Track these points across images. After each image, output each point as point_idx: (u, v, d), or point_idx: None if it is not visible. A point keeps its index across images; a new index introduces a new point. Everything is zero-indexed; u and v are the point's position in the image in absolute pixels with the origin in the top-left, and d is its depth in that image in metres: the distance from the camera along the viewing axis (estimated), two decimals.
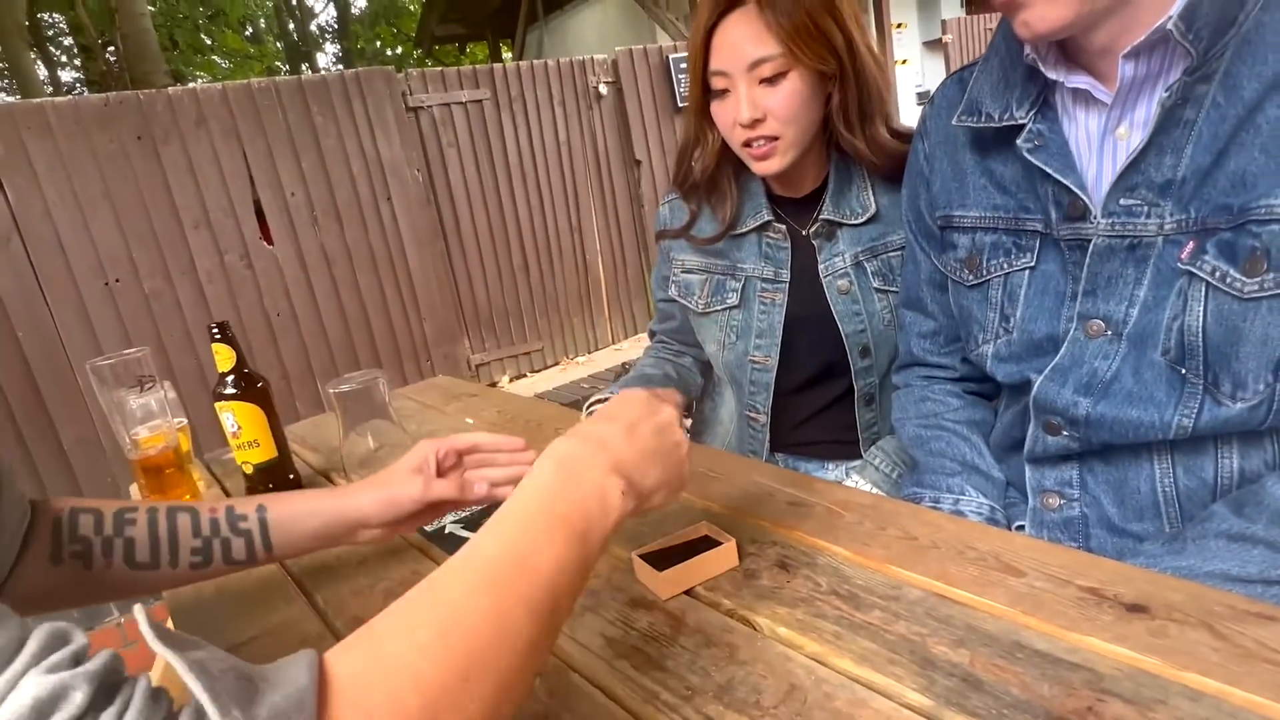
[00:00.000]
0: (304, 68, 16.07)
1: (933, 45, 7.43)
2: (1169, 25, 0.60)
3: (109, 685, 0.31)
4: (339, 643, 0.38)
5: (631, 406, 0.57)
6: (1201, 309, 0.65)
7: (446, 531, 0.89)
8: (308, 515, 0.73)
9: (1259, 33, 0.61)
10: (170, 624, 0.86)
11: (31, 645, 0.31)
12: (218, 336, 1.02)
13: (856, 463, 1.15)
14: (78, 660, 0.31)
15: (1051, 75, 0.70)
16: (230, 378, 1.03)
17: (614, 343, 4.99)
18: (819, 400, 1.14)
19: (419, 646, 0.37)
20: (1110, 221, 0.70)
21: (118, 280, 3.35)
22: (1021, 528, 0.81)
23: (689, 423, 1.35)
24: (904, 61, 7.31)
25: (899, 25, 7.04)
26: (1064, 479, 0.78)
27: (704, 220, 1.13)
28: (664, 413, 0.57)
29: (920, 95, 7.09)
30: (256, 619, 0.77)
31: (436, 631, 0.38)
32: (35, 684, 0.29)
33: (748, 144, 0.99)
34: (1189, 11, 0.59)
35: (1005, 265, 0.81)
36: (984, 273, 0.83)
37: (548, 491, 0.47)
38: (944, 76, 0.96)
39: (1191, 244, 0.66)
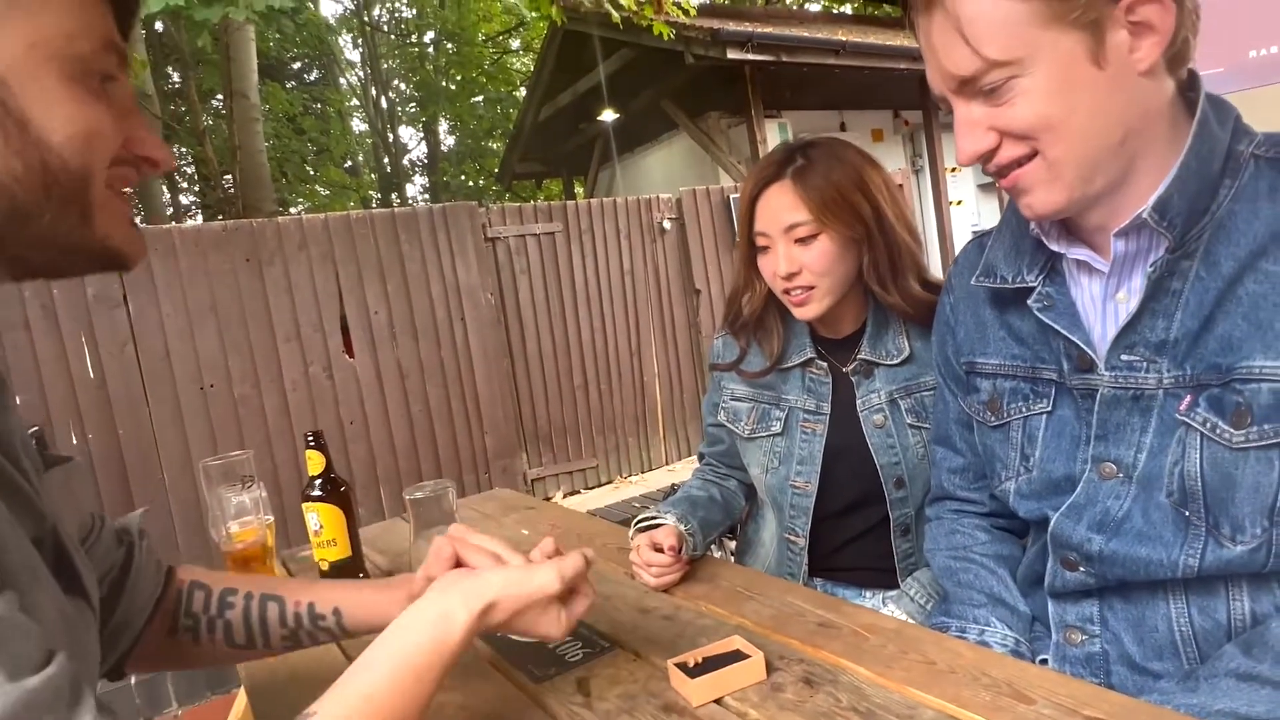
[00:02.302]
0: (394, 197, 17.50)
1: (987, 187, 7.69)
2: (1145, 214, 0.70)
3: None
4: None
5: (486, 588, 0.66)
6: (1199, 456, 0.70)
7: None
8: (377, 618, 0.79)
9: (1231, 220, 0.70)
10: (247, 703, 0.95)
11: None
12: (312, 444, 1.16)
13: (893, 592, 1.18)
14: None
15: (1054, 248, 0.80)
16: (318, 481, 1.16)
17: (667, 463, 5.04)
18: (856, 527, 1.20)
19: None
20: (1114, 374, 0.77)
21: (212, 385, 3.64)
22: (1045, 661, 0.84)
23: (732, 544, 1.41)
24: (959, 203, 7.56)
25: (953, 169, 7.34)
26: (1085, 615, 0.81)
27: (753, 355, 1.25)
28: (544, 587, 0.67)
29: (975, 233, 7.27)
30: None
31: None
32: None
33: (787, 292, 1.12)
34: (1161, 204, 0.69)
35: (1024, 409, 0.88)
36: (1005, 415, 0.90)
37: (425, 649, 0.60)
38: (998, 215, 1.08)
39: (1189, 397, 0.72)
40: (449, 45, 16.78)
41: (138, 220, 0.59)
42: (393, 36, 17.66)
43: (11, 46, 0.44)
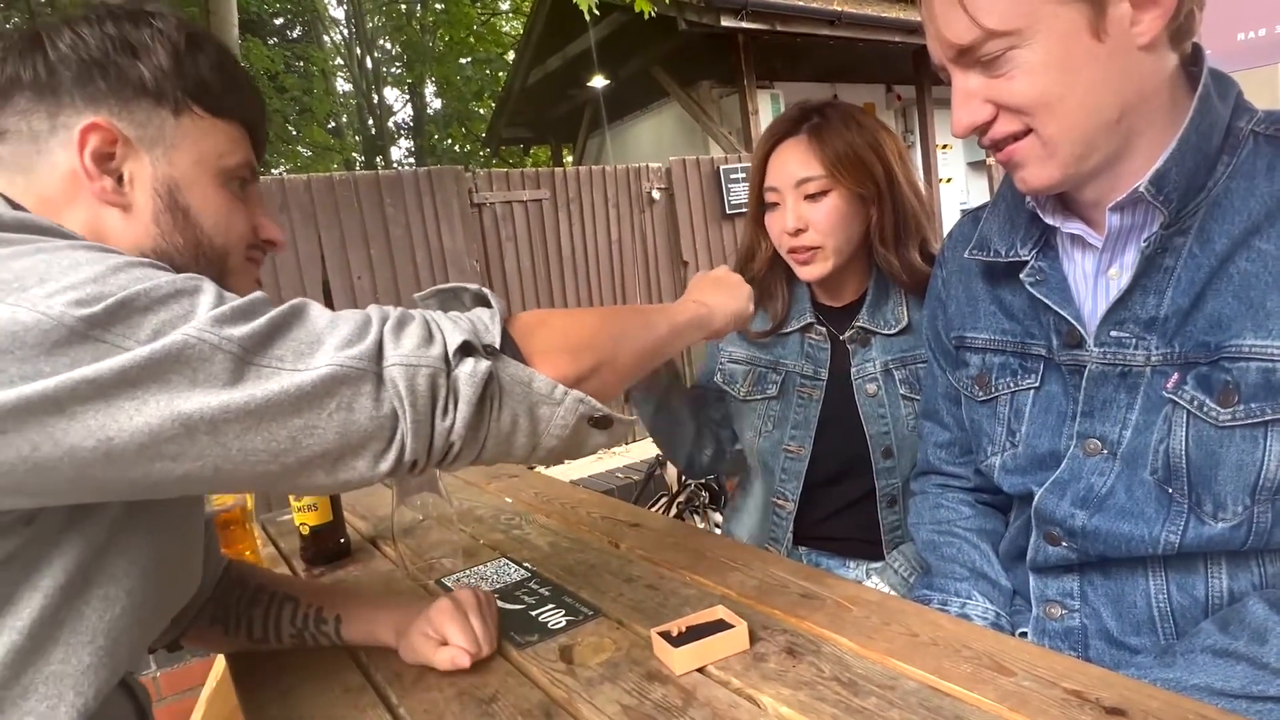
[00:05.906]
0: (378, 160, 17.19)
1: (976, 166, 7.67)
2: (1141, 188, 0.69)
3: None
4: None
5: (711, 276, 0.95)
6: (1184, 434, 0.71)
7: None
8: (367, 635, 0.86)
9: (1228, 197, 0.69)
10: (225, 667, 0.94)
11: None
12: None
13: (878, 564, 1.19)
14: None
15: (1049, 221, 0.79)
16: None
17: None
18: (844, 496, 1.20)
19: (587, 320, 0.69)
20: (1102, 351, 0.77)
21: None
22: (1025, 635, 0.85)
23: (716, 516, 1.41)
24: (948, 180, 7.54)
25: (944, 146, 7.31)
26: (1065, 590, 0.82)
27: (757, 316, 1.24)
28: (726, 271, 0.97)
29: (963, 211, 7.28)
30: (305, 669, 0.84)
31: (601, 317, 0.70)
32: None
33: (793, 251, 1.11)
34: (1158, 178, 0.69)
35: (1012, 384, 0.88)
36: (993, 390, 0.89)
37: (662, 306, 0.81)
38: (987, 195, 1.08)
39: (1176, 375, 0.72)
40: (436, 4, 16.38)
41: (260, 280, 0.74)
42: None
43: (184, 161, 0.64)
